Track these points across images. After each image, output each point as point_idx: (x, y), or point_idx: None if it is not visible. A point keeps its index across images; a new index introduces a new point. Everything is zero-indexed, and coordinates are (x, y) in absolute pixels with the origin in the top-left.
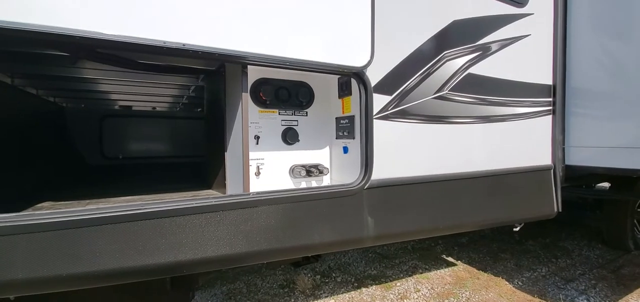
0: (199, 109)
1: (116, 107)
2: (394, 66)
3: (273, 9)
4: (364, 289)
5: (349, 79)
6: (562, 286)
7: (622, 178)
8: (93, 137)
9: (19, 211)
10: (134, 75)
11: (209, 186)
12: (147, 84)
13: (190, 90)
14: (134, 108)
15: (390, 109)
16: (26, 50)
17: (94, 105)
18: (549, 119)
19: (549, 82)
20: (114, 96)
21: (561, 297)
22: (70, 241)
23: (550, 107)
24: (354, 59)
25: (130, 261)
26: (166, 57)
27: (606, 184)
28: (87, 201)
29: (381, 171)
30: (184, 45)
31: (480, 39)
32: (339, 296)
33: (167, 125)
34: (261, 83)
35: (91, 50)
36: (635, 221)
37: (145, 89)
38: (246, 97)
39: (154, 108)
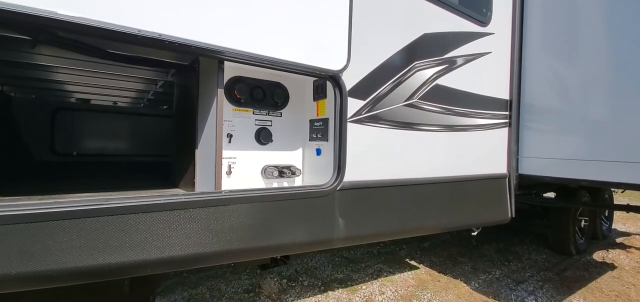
0: (165, 107)
1: (72, 99)
2: (368, 72)
3: (254, 7)
4: (330, 293)
5: (325, 82)
6: (513, 287)
7: (566, 188)
8: (43, 131)
9: None
10: (96, 66)
11: (174, 185)
12: (111, 76)
13: (158, 86)
14: (92, 102)
15: (364, 113)
16: None
17: (46, 96)
18: (505, 130)
19: (506, 97)
20: (70, 87)
21: (513, 297)
22: (22, 237)
23: (507, 120)
24: (331, 63)
25: (89, 260)
26: (139, 48)
27: (552, 194)
28: (39, 197)
29: (353, 173)
30: (160, 35)
31: (448, 52)
32: (305, 299)
33: (128, 122)
34: (236, 81)
35: (53, 34)
36: (576, 228)
37: (107, 81)
38: (221, 93)
39: (115, 103)
